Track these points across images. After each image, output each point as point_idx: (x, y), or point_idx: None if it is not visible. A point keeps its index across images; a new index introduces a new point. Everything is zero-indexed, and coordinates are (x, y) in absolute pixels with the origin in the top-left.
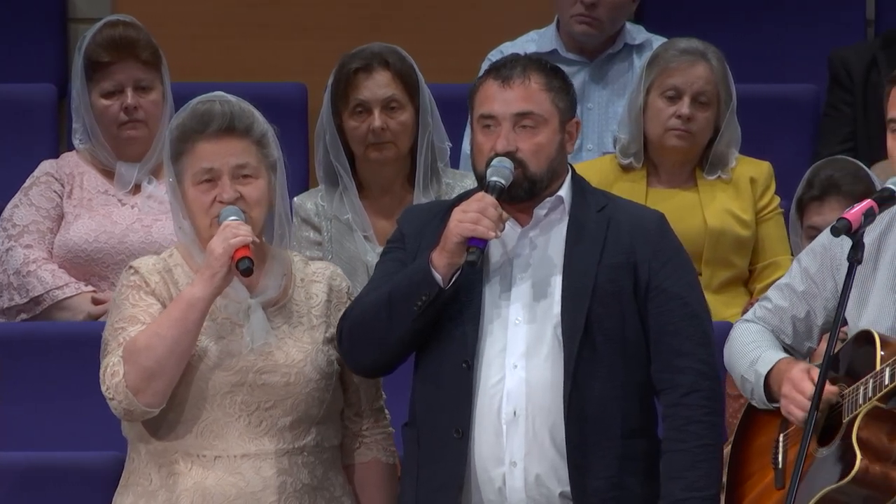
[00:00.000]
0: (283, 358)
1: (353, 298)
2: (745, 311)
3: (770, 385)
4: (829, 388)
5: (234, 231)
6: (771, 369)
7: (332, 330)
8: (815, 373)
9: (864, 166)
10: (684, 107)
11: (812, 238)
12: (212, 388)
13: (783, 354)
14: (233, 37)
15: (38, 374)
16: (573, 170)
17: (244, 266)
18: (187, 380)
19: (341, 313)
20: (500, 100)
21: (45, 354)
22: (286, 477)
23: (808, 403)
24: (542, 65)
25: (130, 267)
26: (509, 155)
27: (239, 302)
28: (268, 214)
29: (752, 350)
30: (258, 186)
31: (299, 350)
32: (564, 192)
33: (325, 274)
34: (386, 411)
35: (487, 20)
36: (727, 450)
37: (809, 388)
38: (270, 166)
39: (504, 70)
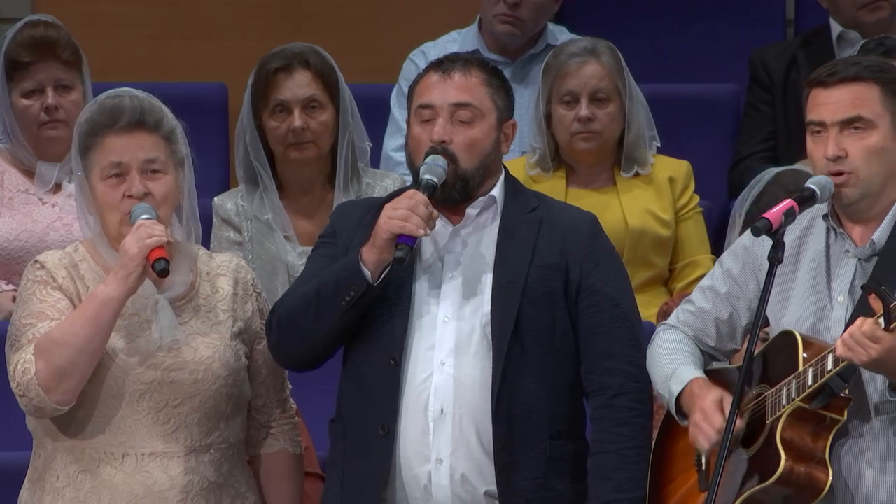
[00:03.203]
0: (192, 355)
1: (258, 290)
2: (659, 314)
3: (681, 404)
4: (739, 426)
5: (149, 231)
6: (683, 389)
7: (240, 324)
8: (728, 402)
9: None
10: (582, 109)
11: None
12: (121, 386)
13: (696, 373)
14: (153, 37)
15: None
16: (507, 171)
17: (160, 267)
18: (97, 377)
19: (247, 305)
20: (438, 89)
21: None
22: (193, 476)
23: (716, 437)
24: (484, 63)
25: (36, 261)
26: (443, 147)
27: (146, 298)
28: (175, 211)
29: (668, 364)
30: (166, 183)
31: (207, 347)
32: (497, 192)
33: (230, 267)
34: (291, 401)
35: (409, 21)
36: None
37: (719, 422)
38: (179, 163)
39: (445, 64)
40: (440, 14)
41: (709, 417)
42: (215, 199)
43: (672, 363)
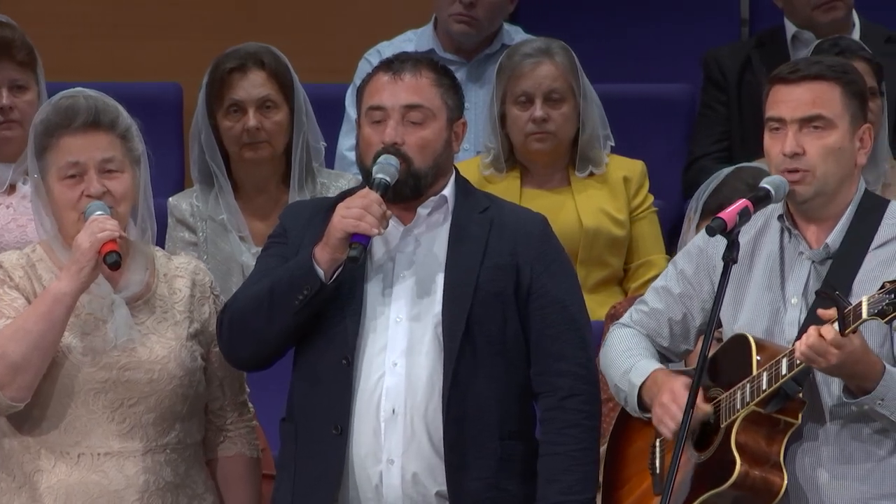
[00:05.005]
0: (147, 354)
1: (216, 292)
2: (608, 317)
3: (643, 396)
4: (701, 406)
5: (101, 225)
6: (645, 380)
7: (197, 325)
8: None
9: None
10: (537, 109)
11: None
12: (76, 385)
13: (657, 364)
14: (108, 36)
15: None
16: (457, 171)
17: (112, 260)
18: (52, 376)
19: (204, 307)
20: (389, 91)
21: None
22: (149, 475)
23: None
24: (434, 62)
25: None
26: (395, 148)
27: (102, 297)
28: (132, 209)
29: (626, 359)
30: (123, 181)
31: (163, 346)
32: (448, 192)
33: (188, 269)
34: (250, 405)
35: (364, 20)
36: (602, 448)
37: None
38: (135, 161)
39: (395, 64)
40: (395, 14)
41: (678, 399)
42: (170, 199)
43: (631, 358)
